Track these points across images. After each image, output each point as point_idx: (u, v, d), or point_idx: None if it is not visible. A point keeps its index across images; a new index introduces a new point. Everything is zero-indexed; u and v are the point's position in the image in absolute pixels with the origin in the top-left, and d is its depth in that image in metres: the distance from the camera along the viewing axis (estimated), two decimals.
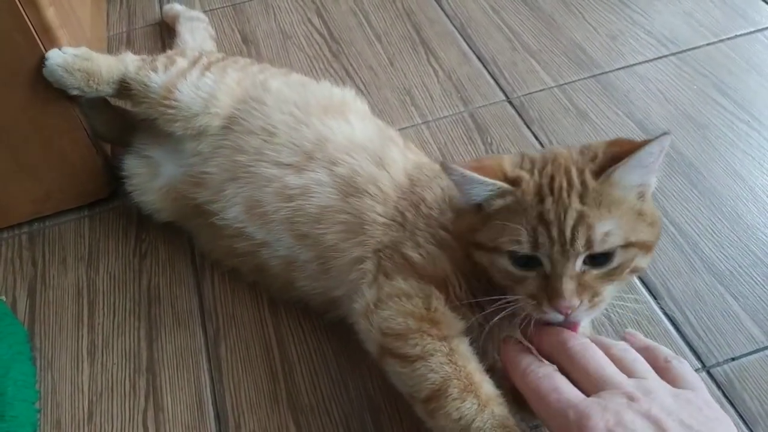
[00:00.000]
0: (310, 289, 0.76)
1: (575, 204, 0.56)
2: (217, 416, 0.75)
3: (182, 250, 0.91)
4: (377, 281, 0.66)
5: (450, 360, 0.59)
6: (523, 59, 1.15)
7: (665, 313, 0.79)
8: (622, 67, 1.11)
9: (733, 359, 0.75)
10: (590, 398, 0.52)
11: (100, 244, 0.93)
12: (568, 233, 0.55)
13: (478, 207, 0.61)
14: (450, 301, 0.63)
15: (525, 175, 0.59)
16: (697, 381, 0.56)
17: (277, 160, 0.76)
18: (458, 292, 0.64)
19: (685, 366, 0.57)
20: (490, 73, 1.14)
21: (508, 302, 0.59)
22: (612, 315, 0.78)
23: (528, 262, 0.58)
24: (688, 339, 0.77)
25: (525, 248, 0.57)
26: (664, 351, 0.59)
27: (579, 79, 1.10)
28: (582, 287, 0.56)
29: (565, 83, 1.10)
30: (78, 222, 0.97)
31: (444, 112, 1.08)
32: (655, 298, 0.81)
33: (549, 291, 0.56)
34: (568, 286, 0.55)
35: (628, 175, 0.56)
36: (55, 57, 0.80)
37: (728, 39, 1.14)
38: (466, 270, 0.64)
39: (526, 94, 1.09)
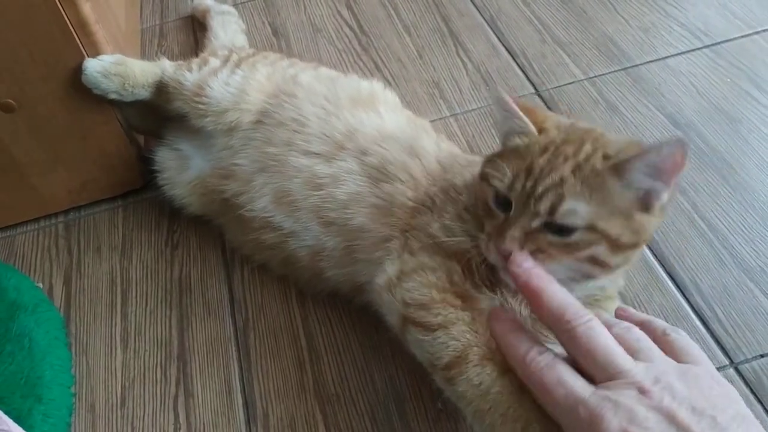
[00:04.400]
0: (338, 276, 0.77)
1: (564, 171, 0.57)
2: (246, 403, 0.77)
3: (213, 241, 0.93)
4: (401, 257, 0.67)
5: (471, 329, 0.59)
6: (552, 51, 1.14)
7: (693, 309, 0.79)
8: (654, 60, 1.10)
9: (761, 356, 0.74)
10: (600, 392, 0.50)
11: (133, 234, 0.96)
12: (538, 191, 0.56)
13: (504, 141, 0.64)
14: (472, 278, 0.64)
15: (553, 131, 0.61)
16: (699, 352, 0.55)
17: (307, 150, 0.78)
18: (480, 271, 0.64)
19: (684, 337, 0.57)
20: (519, 65, 1.13)
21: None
22: (638, 310, 0.78)
23: (504, 204, 0.59)
24: (717, 335, 0.76)
25: (503, 187, 0.59)
26: (661, 324, 0.58)
27: (609, 72, 1.09)
28: (529, 241, 0.57)
29: (595, 76, 1.09)
30: (112, 212, 0.99)
31: (472, 105, 1.08)
32: (683, 293, 0.80)
33: (498, 231, 0.58)
34: (514, 233, 0.57)
35: (632, 171, 0.55)
36: (93, 65, 0.83)
37: (764, 31, 1.12)
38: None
39: (555, 87, 1.08)
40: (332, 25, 1.26)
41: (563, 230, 0.56)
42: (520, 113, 0.61)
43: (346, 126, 0.78)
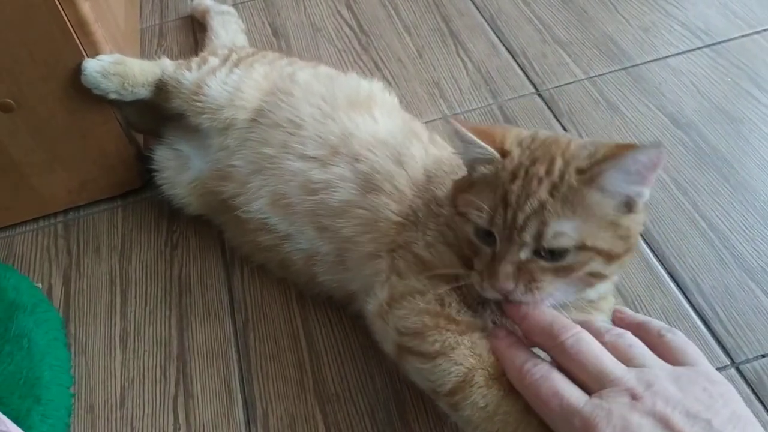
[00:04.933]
0: (330, 282, 0.76)
1: (541, 194, 0.55)
2: (245, 404, 0.76)
3: (212, 241, 0.92)
4: (389, 281, 0.66)
5: (473, 352, 0.58)
6: (553, 51, 1.14)
7: (694, 309, 0.78)
8: (654, 60, 1.10)
9: (763, 356, 0.74)
10: (593, 401, 0.51)
11: (132, 234, 0.95)
12: (519, 221, 0.55)
13: (470, 170, 0.62)
14: (463, 298, 0.63)
15: (516, 150, 0.59)
16: (696, 352, 0.55)
17: (302, 153, 0.77)
18: (470, 290, 0.63)
19: (679, 338, 0.56)
20: (519, 65, 1.13)
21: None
22: (639, 310, 0.78)
23: (487, 236, 0.58)
24: (718, 335, 0.76)
25: (483, 222, 0.57)
26: (656, 324, 0.58)
27: (610, 72, 1.09)
28: (522, 273, 0.56)
29: (596, 76, 1.09)
30: (111, 212, 0.99)
31: (473, 105, 1.07)
32: (684, 293, 0.80)
33: (489, 269, 0.57)
34: (506, 269, 0.56)
35: (610, 180, 0.54)
36: (92, 65, 0.83)
37: (765, 30, 1.11)
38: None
39: (555, 87, 1.08)
40: (332, 25, 1.26)
41: (554, 254, 0.55)
42: (478, 140, 0.59)
43: (342, 129, 0.78)
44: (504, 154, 0.59)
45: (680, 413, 0.48)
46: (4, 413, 0.60)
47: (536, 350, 0.58)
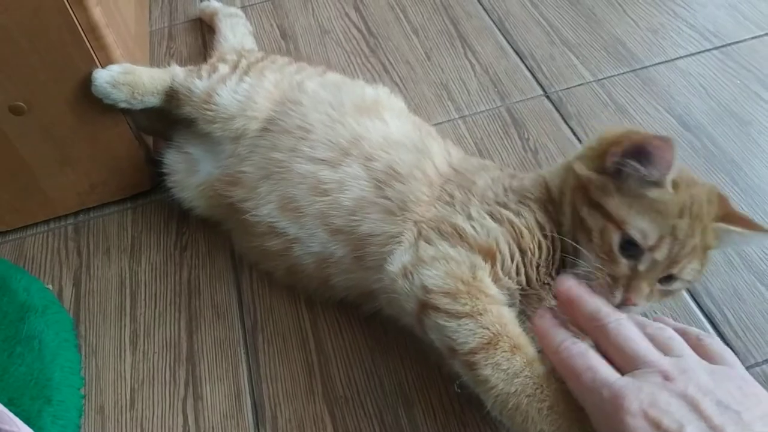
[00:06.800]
0: (347, 283, 0.77)
1: (697, 237, 0.60)
2: (254, 406, 0.77)
3: (222, 243, 0.93)
4: (416, 245, 0.68)
5: (500, 321, 0.60)
6: (561, 53, 1.14)
7: (703, 312, 0.78)
8: (663, 62, 1.10)
9: None
10: (625, 377, 0.51)
11: (142, 236, 0.96)
12: (680, 256, 0.60)
13: (618, 176, 0.63)
14: (495, 275, 0.65)
15: (683, 187, 0.62)
16: (733, 357, 0.56)
17: (311, 156, 0.77)
18: (507, 265, 0.66)
19: (717, 343, 0.57)
20: (527, 67, 1.13)
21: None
22: (648, 313, 0.78)
23: (631, 250, 0.60)
24: (727, 338, 0.76)
25: (645, 244, 0.60)
26: (695, 330, 0.59)
27: (618, 74, 1.09)
28: (650, 293, 0.61)
29: (604, 78, 1.09)
30: (121, 214, 0.99)
31: (481, 107, 1.08)
32: (693, 296, 0.80)
33: (630, 283, 0.60)
34: (645, 290, 0.60)
35: (733, 240, 0.63)
36: (102, 75, 0.84)
37: None
38: (526, 246, 0.66)
39: (564, 89, 1.08)
40: (340, 27, 1.27)
41: (671, 281, 0.62)
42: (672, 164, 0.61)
43: (351, 133, 0.78)
44: (675, 186, 0.61)
45: (711, 401, 0.48)
46: (16, 414, 0.61)
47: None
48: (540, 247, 0.67)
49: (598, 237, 0.62)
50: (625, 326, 0.56)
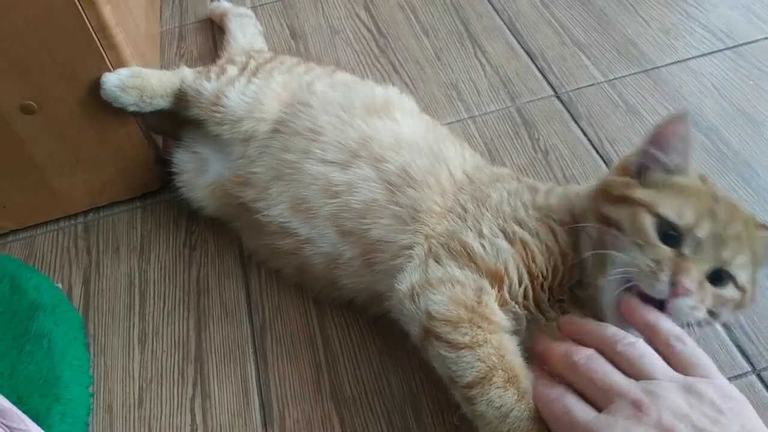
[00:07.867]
0: (355, 285, 0.76)
1: (737, 225, 0.59)
2: (262, 405, 0.77)
3: (230, 242, 0.93)
4: (425, 263, 0.67)
5: (498, 353, 0.60)
6: (572, 54, 1.13)
7: None
8: (675, 62, 1.09)
9: None
10: (600, 415, 0.52)
11: (151, 235, 0.96)
12: (725, 236, 0.58)
13: (640, 175, 0.64)
14: (501, 299, 0.64)
15: (709, 182, 0.63)
16: (706, 362, 0.55)
17: (322, 158, 0.77)
18: (514, 290, 0.64)
19: (690, 347, 0.55)
20: (538, 67, 1.12)
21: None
22: None
23: (668, 235, 0.59)
24: (739, 341, 0.75)
25: (680, 222, 0.58)
26: (666, 331, 0.56)
27: (629, 74, 1.08)
28: (701, 288, 0.57)
29: (615, 78, 1.08)
30: (131, 213, 1.00)
31: (491, 107, 1.07)
32: None
33: (678, 265, 0.57)
34: (696, 275, 0.57)
35: None
36: (110, 79, 0.84)
37: None
38: (537, 270, 0.65)
39: (574, 90, 1.07)
40: (350, 27, 1.26)
41: (722, 280, 0.58)
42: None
43: (361, 134, 0.78)
44: (703, 180, 0.62)
45: (686, 427, 0.48)
46: (25, 412, 0.61)
47: None
48: (556, 270, 0.65)
49: (629, 224, 0.60)
50: (593, 360, 0.56)
